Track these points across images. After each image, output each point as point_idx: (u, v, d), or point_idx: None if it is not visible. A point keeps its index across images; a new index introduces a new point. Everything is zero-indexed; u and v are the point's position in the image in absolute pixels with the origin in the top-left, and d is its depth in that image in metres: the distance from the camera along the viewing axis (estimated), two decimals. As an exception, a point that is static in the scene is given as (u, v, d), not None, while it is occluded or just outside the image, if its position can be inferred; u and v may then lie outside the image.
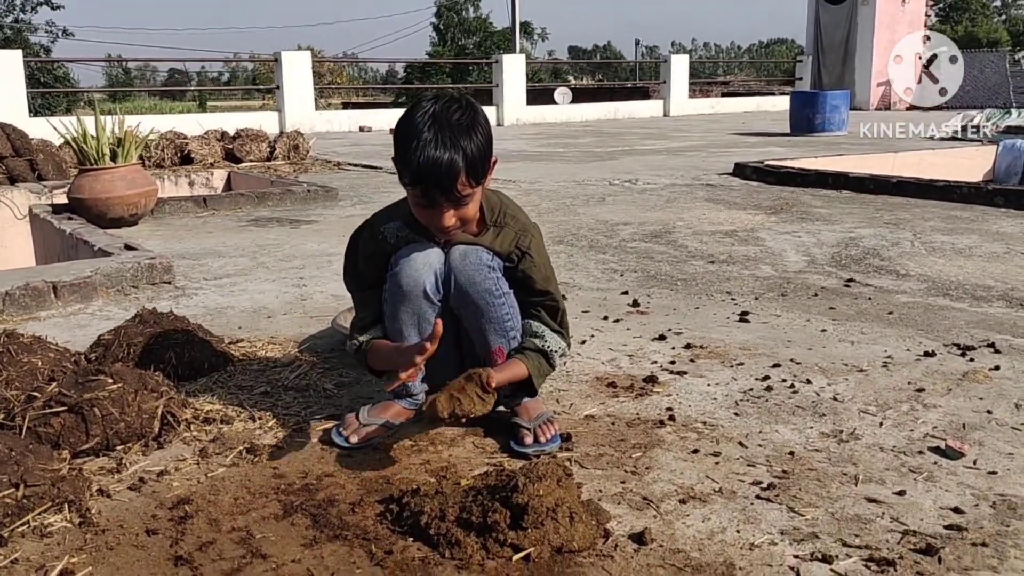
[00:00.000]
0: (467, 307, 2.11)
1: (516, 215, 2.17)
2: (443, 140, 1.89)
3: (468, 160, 1.91)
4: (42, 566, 1.60)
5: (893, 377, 2.59)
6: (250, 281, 4.04)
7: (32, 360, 2.35)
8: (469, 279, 2.07)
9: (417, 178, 1.91)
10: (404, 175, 1.95)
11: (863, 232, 5.02)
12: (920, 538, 1.66)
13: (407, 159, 1.91)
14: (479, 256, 2.08)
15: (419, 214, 2.02)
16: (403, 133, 1.95)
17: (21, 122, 9.34)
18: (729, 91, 26.52)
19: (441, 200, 1.94)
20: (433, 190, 1.92)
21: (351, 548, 1.65)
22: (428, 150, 1.88)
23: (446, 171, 1.89)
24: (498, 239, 2.12)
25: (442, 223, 1.99)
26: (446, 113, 1.93)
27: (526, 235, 2.15)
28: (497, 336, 2.14)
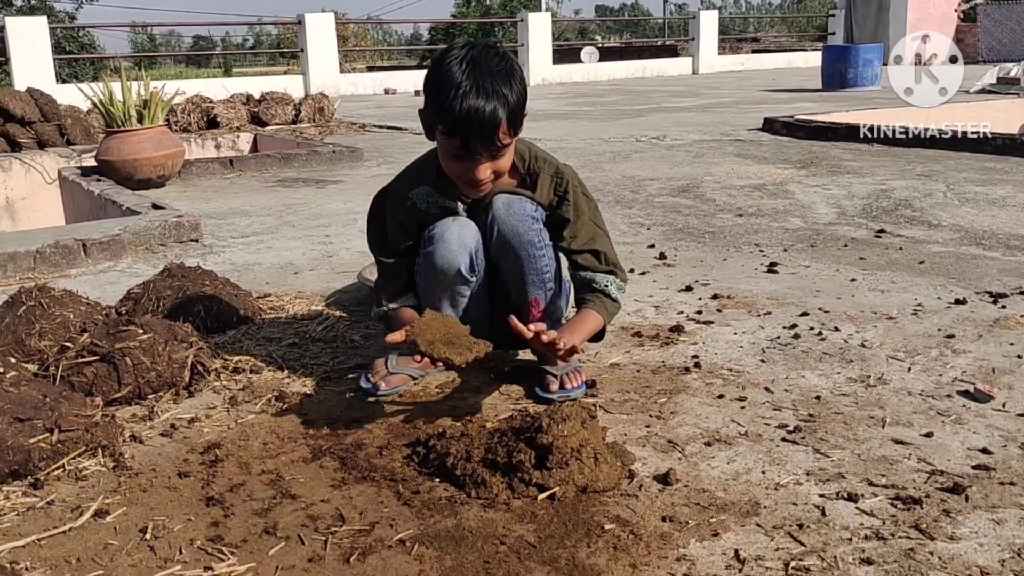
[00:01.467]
0: (508, 258, 2.08)
1: (546, 158, 2.11)
2: (484, 88, 1.80)
3: (510, 108, 1.83)
4: (77, 507, 1.63)
5: (923, 324, 2.57)
6: (277, 239, 4.06)
7: (64, 313, 2.38)
8: (513, 230, 2.03)
9: (457, 128, 1.82)
10: (441, 125, 1.86)
11: (895, 184, 4.94)
12: (947, 477, 1.65)
13: (445, 108, 1.81)
14: (523, 206, 2.04)
15: (451, 168, 1.95)
16: (439, 81, 1.85)
17: (48, 89, 9.39)
18: (760, 48, 26.08)
19: (481, 151, 1.86)
20: (474, 140, 1.83)
21: (379, 489, 1.67)
22: (470, 98, 1.79)
23: (489, 120, 1.80)
24: (536, 191, 2.07)
25: (477, 175, 1.91)
26: (484, 59, 1.84)
27: (562, 178, 2.09)
28: (535, 288, 2.13)
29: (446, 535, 1.51)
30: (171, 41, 66.41)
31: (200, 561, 1.45)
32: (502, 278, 2.17)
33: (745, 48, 25.45)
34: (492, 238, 2.06)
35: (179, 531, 1.54)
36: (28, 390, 1.84)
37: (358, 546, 1.48)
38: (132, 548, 1.50)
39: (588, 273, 2.11)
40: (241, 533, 1.53)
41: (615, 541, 1.48)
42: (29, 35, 12.07)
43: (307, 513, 1.59)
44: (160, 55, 43.32)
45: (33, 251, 3.46)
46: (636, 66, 18.93)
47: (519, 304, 2.17)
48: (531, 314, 2.15)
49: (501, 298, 2.22)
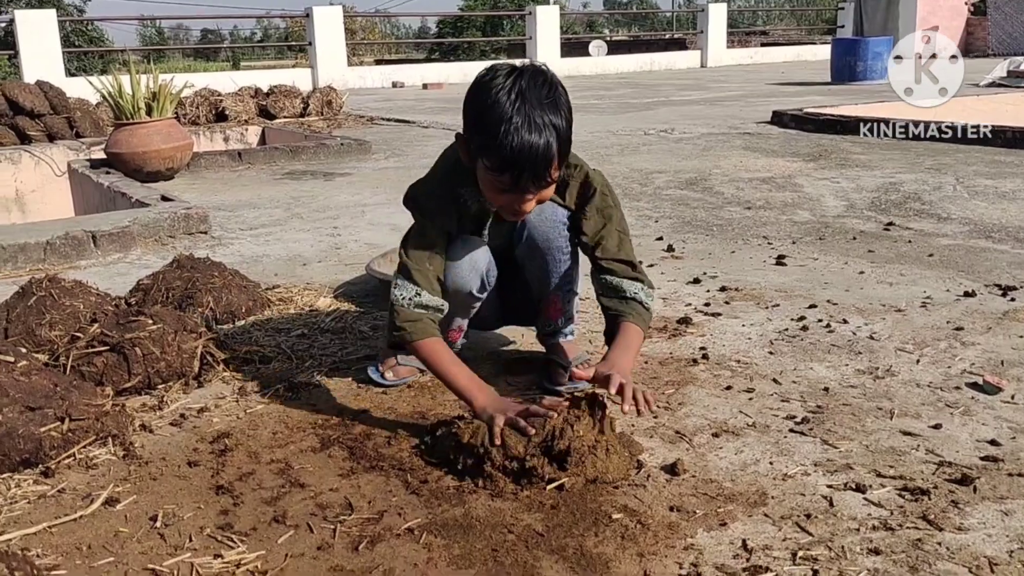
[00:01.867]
0: (534, 260, 2.07)
1: (578, 164, 2.01)
2: (535, 122, 1.70)
3: (560, 142, 1.74)
4: (88, 495, 1.64)
5: (932, 316, 2.56)
6: (285, 231, 4.07)
7: (74, 303, 2.39)
8: (544, 236, 2.01)
9: (508, 166, 1.72)
10: (488, 160, 1.75)
11: (904, 177, 4.93)
12: (955, 469, 1.65)
13: (496, 144, 1.71)
14: (555, 212, 2.01)
15: (495, 198, 1.85)
16: (485, 112, 1.74)
17: (58, 82, 9.41)
18: (768, 41, 26.00)
19: (531, 188, 1.77)
20: (525, 179, 1.74)
21: (387, 478, 1.68)
22: (522, 134, 1.69)
23: (542, 157, 1.71)
24: (566, 196, 2.01)
25: (523, 208, 1.82)
26: (532, 89, 1.73)
27: (589, 186, 2.01)
28: (556, 288, 2.13)
29: (454, 524, 1.51)
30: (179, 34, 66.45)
31: (210, 548, 1.46)
32: (521, 275, 2.17)
33: (754, 41, 25.38)
34: (521, 240, 2.04)
35: (189, 519, 1.55)
36: (39, 379, 1.86)
37: (366, 534, 1.49)
38: (142, 535, 1.51)
39: (615, 279, 2.01)
40: (250, 521, 1.54)
41: (623, 530, 1.48)
42: (38, 29, 12.10)
43: (316, 502, 1.60)
44: (168, 48, 43.37)
45: (43, 242, 3.47)
46: (644, 59, 18.90)
47: (538, 297, 2.17)
48: (547, 311, 2.17)
49: (520, 284, 2.21)
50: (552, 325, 2.20)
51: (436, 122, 8.77)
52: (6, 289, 2.82)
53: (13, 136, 7.25)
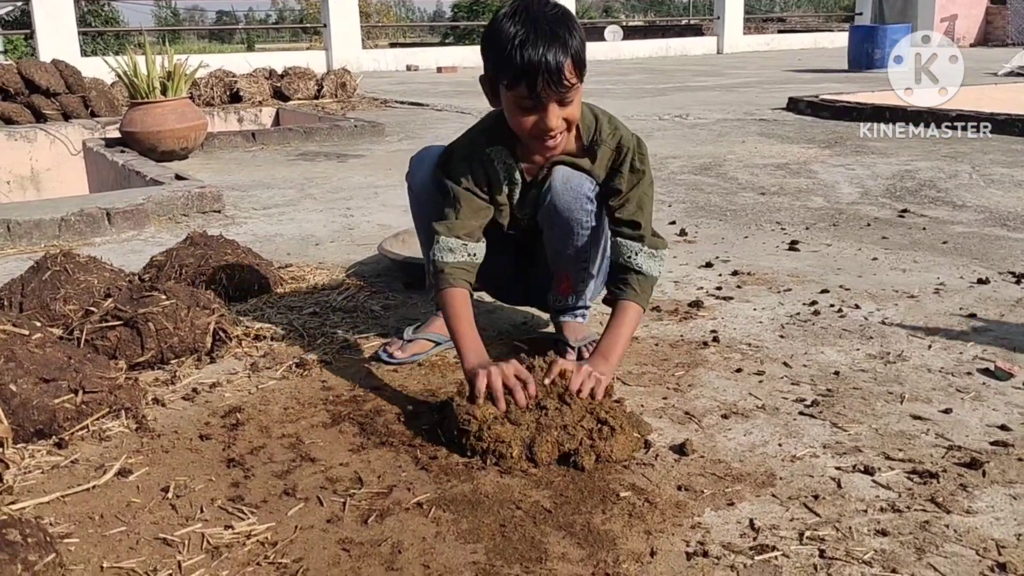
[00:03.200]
0: (552, 229, 2.06)
1: (615, 130, 2.03)
2: (542, 32, 1.77)
3: (571, 48, 1.78)
4: (101, 466, 1.66)
5: (944, 303, 2.55)
6: (298, 211, 4.08)
7: (88, 279, 2.41)
8: (566, 205, 2.00)
9: (522, 73, 1.77)
10: (504, 78, 1.82)
11: (919, 165, 4.90)
12: (965, 453, 1.65)
13: (506, 58, 1.78)
14: (581, 184, 2.00)
15: (520, 123, 1.87)
16: (495, 37, 1.82)
17: (73, 62, 9.44)
18: (785, 28, 25.82)
19: (548, 94, 1.79)
20: (540, 83, 1.77)
21: (397, 453, 1.69)
22: (528, 44, 1.76)
23: (552, 58, 1.76)
24: (595, 163, 2.02)
25: (549, 123, 1.84)
26: (536, 7, 1.81)
27: (619, 154, 2.02)
28: (569, 264, 2.13)
29: (463, 499, 1.52)
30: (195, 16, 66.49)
31: (221, 520, 1.47)
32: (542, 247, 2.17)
33: (771, 28, 25.21)
34: (543, 204, 2.04)
35: (200, 491, 1.57)
36: (53, 352, 1.87)
37: (376, 508, 1.50)
38: (154, 506, 1.52)
39: (618, 240, 2.04)
40: (261, 494, 1.55)
41: (630, 508, 1.49)
42: (54, 9, 12.12)
43: (326, 476, 1.61)
44: (184, 29, 43.37)
45: (58, 219, 3.50)
46: (660, 45, 18.81)
47: (552, 271, 2.19)
48: (559, 287, 2.18)
49: (544, 264, 2.22)
50: (561, 301, 2.21)
51: (450, 105, 8.76)
52: (21, 264, 2.84)
53: (29, 115, 7.28)
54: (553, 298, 2.23)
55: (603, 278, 2.22)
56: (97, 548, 1.40)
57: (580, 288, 2.19)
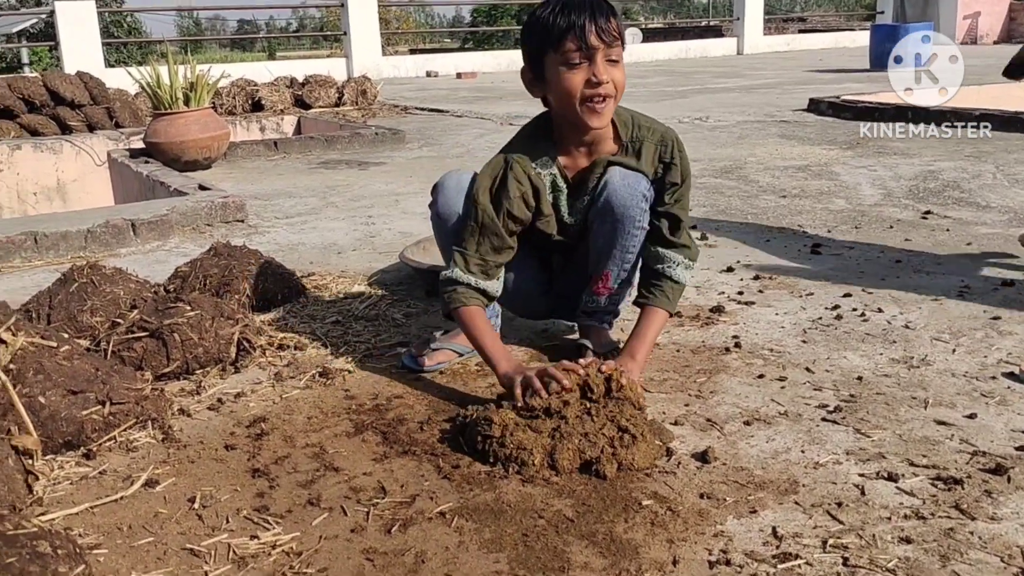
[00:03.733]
0: (604, 224, 2.06)
1: (650, 125, 2.11)
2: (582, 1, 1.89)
3: (611, 8, 1.90)
4: (128, 476, 1.68)
5: (969, 306, 2.54)
6: (320, 220, 4.11)
7: (114, 290, 2.44)
8: (622, 202, 2.02)
9: (569, 25, 1.87)
10: (549, 43, 1.91)
11: (943, 165, 4.86)
12: (989, 458, 1.64)
13: (551, 24, 1.89)
14: (638, 182, 2.03)
15: (570, 86, 1.92)
16: (535, 20, 1.94)
17: (97, 73, 9.54)
18: (806, 28, 25.68)
19: (596, 43, 1.88)
20: (587, 29, 1.86)
21: (420, 462, 1.70)
22: (570, 6, 1.88)
23: (597, 10, 1.87)
24: (641, 160, 2.06)
25: (599, 75, 1.89)
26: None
27: (666, 146, 2.08)
28: (613, 263, 2.13)
29: (485, 508, 1.53)
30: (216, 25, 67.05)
31: (246, 530, 1.49)
32: (580, 253, 2.19)
33: (791, 28, 25.08)
34: (598, 201, 2.05)
35: (226, 501, 1.59)
36: (81, 364, 1.90)
37: (399, 517, 1.51)
38: (181, 516, 1.54)
39: (659, 249, 2.09)
40: (286, 504, 1.57)
41: (653, 517, 1.49)
42: (78, 20, 12.26)
43: (349, 485, 1.63)
44: (206, 39, 43.71)
45: (84, 231, 3.54)
46: (679, 47, 18.75)
47: (592, 271, 2.17)
48: (596, 285, 2.18)
49: (575, 273, 2.24)
50: (594, 302, 2.20)
51: (470, 111, 8.79)
52: (49, 276, 2.88)
53: (55, 126, 7.38)
54: (587, 298, 2.21)
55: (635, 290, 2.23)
56: (125, 559, 1.42)
57: (616, 292, 2.18)
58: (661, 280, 2.07)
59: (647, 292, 2.09)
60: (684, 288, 2.13)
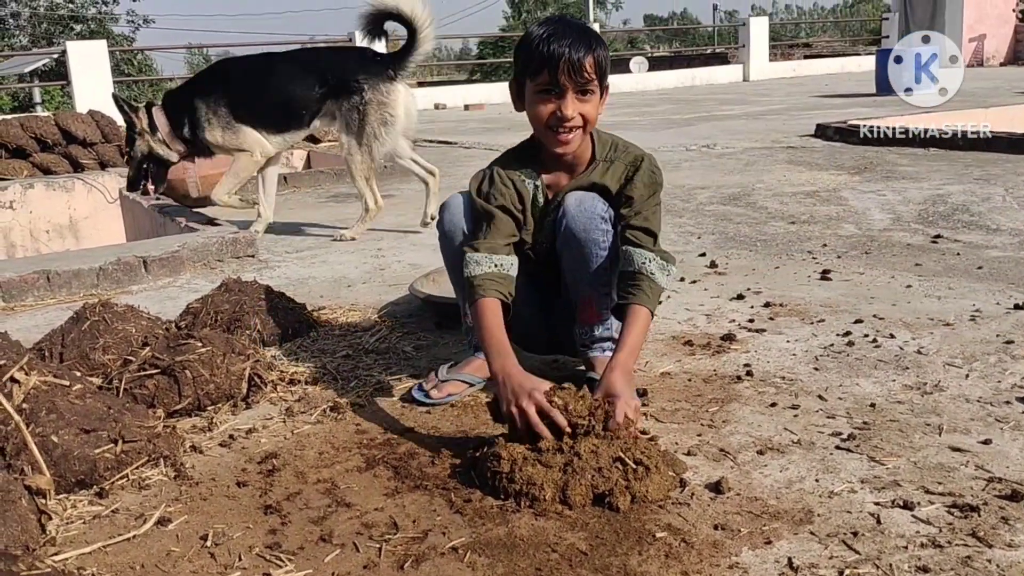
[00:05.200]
0: (570, 251, 2.12)
1: (629, 149, 2.17)
2: (568, 32, 1.95)
3: (594, 49, 1.94)
4: (141, 515, 1.68)
5: (981, 330, 2.52)
6: (330, 253, 4.13)
7: (126, 327, 2.45)
8: (582, 227, 2.07)
9: (546, 59, 1.93)
10: (529, 69, 1.98)
11: (952, 189, 4.86)
12: (1006, 485, 1.62)
13: (533, 50, 1.95)
14: (594, 205, 2.08)
15: (540, 112, 2.01)
16: (525, 39, 2.00)
17: (108, 111, 9.65)
18: (812, 53, 25.77)
19: (567, 81, 1.94)
20: (561, 68, 1.93)
21: (431, 497, 1.70)
22: (553, 38, 1.93)
23: (574, 48, 1.92)
24: (608, 173, 2.12)
25: (565, 111, 1.97)
26: (566, 17, 2.03)
27: (634, 167, 2.12)
28: (589, 286, 2.16)
29: (498, 543, 1.52)
30: (226, 61, 67.66)
31: (259, 567, 1.49)
32: (564, 280, 2.21)
33: (797, 54, 25.18)
34: (560, 230, 2.11)
35: (238, 538, 1.58)
36: (93, 402, 1.91)
37: (412, 553, 1.50)
38: (193, 555, 1.54)
39: (630, 248, 2.07)
40: (298, 540, 1.57)
41: (667, 549, 1.48)
42: (90, 59, 12.41)
43: (362, 521, 1.62)
44: (216, 75, 44.09)
45: (96, 268, 3.56)
46: (685, 75, 18.84)
47: (573, 298, 2.21)
48: (582, 310, 2.20)
49: (563, 301, 2.24)
50: (588, 332, 2.21)
51: (478, 142, 8.83)
52: (61, 314, 2.90)
53: (67, 164, 7.44)
54: (579, 331, 2.23)
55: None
56: (138, 598, 1.42)
57: (605, 314, 2.20)
58: (636, 278, 2.04)
59: (623, 292, 2.06)
60: (662, 291, 2.07)
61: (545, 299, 2.30)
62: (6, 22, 32.82)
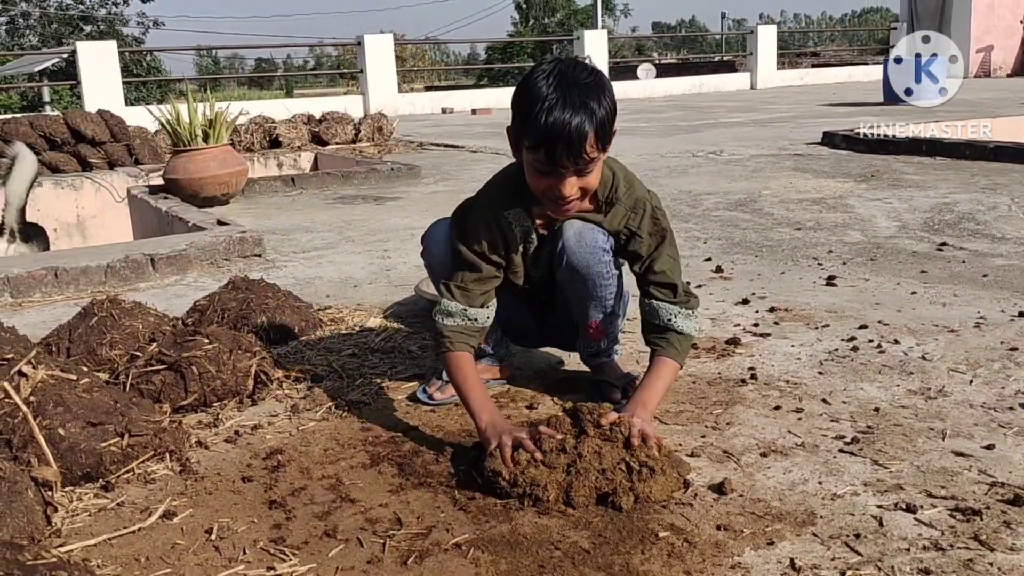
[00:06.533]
0: (573, 284, 2.08)
1: (630, 188, 2.03)
2: (571, 100, 1.74)
3: (597, 122, 1.76)
4: (146, 508, 1.69)
5: (985, 337, 2.53)
6: (337, 254, 4.14)
7: (133, 324, 2.47)
8: (583, 262, 2.01)
9: (543, 141, 1.75)
10: (527, 138, 1.80)
11: (958, 197, 4.86)
12: (1008, 489, 1.62)
13: (532, 121, 1.76)
14: (595, 238, 2.01)
15: (536, 183, 1.87)
16: (526, 95, 1.80)
17: (117, 111, 9.68)
18: (819, 62, 25.78)
19: (567, 164, 1.78)
20: (559, 153, 1.76)
21: (435, 494, 1.70)
22: (556, 111, 1.73)
23: (575, 132, 1.73)
24: (607, 218, 2.02)
25: (563, 191, 1.83)
26: (572, 73, 1.79)
27: (636, 214, 2.02)
28: (596, 311, 2.14)
29: (501, 540, 1.53)
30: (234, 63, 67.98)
31: (263, 561, 1.49)
32: (561, 299, 2.20)
33: (804, 63, 25.19)
34: (561, 265, 2.04)
35: (243, 532, 1.59)
36: (100, 396, 1.92)
37: (415, 549, 1.51)
38: (198, 548, 1.55)
39: (654, 303, 2.02)
40: (302, 535, 1.57)
41: (669, 548, 1.49)
42: (99, 60, 12.46)
43: (366, 517, 1.63)
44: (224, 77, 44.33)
45: (104, 266, 3.58)
46: (693, 82, 18.86)
47: (579, 322, 2.19)
48: (588, 334, 2.19)
49: (558, 306, 2.24)
50: (594, 347, 2.22)
51: (485, 147, 8.85)
52: (69, 310, 2.92)
53: (75, 163, 7.48)
54: (585, 347, 2.23)
55: (625, 308, 2.26)
56: (143, 590, 1.43)
57: (610, 330, 2.20)
58: (664, 332, 2.00)
59: (652, 344, 2.03)
60: (691, 339, 2.04)
61: (540, 304, 2.29)
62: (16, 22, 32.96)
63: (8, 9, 32.73)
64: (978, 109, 10.19)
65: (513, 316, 2.24)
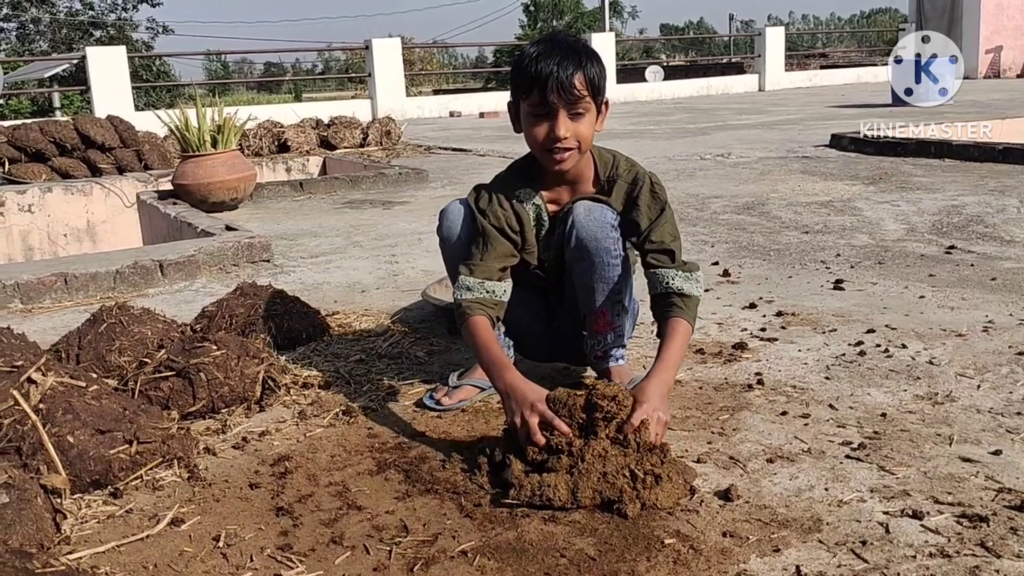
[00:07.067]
0: (582, 262, 2.10)
1: (631, 165, 2.15)
2: (558, 49, 1.93)
3: (584, 64, 1.93)
4: (154, 515, 1.70)
5: (993, 341, 2.52)
6: (345, 259, 4.15)
7: (142, 330, 2.48)
8: (592, 235, 2.06)
9: (535, 80, 1.92)
10: (522, 88, 1.97)
11: (966, 200, 4.84)
12: (1015, 495, 1.62)
13: (524, 69, 1.94)
14: (604, 214, 2.07)
15: (534, 133, 2.00)
16: (519, 58, 2.00)
17: (127, 116, 9.73)
18: (828, 63, 25.72)
19: (558, 103, 1.93)
20: (551, 87, 1.91)
21: (442, 501, 1.71)
22: (543, 57, 1.92)
23: (563, 67, 1.91)
24: (612, 197, 2.11)
25: (558, 131, 1.95)
26: (558, 35, 2.00)
27: (635, 186, 2.11)
28: (603, 297, 2.14)
29: (507, 547, 1.53)
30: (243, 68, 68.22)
31: (270, 568, 1.50)
32: (570, 290, 2.20)
33: (813, 64, 25.14)
34: (570, 242, 2.08)
35: (250, 539, 1.60)
36: (109, 403, 1.93)
37: (421, 556, 1.51)
38: (206, 555, 1.55)
39: (653, 271, 2.08)
40: (309, 542, 1.58)
41: (675, 555, 1.49)
42: (109, 65, 12.54)
43: (372, 524, 1.64)
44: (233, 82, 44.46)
45: (113, 271, 3.60)
46: (701, 84, 18.85)
47: (585, 312, 2.19)
48: (595, 322, 2.19)
49: (569, 311, 2.25)
50: (601, 341, 2.21)
51: (492, 150, 8.86)
52: (78, 316, 2.93)
53: (85, 169, 7.52)
54: (592, 341, 2.23)
55: (635, 316, 2.30)
56: (151, 597, 1.43)
57: (618, 323, 2.20)
58: (665, 297, 2.05)
59: (658, 313, 2.07)
60: (697, 300, 2.07)
61: (547, 306, 2.30)
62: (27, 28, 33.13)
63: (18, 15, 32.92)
64: (987, 110, 10.17)
65: (520, 321, 2.24)
